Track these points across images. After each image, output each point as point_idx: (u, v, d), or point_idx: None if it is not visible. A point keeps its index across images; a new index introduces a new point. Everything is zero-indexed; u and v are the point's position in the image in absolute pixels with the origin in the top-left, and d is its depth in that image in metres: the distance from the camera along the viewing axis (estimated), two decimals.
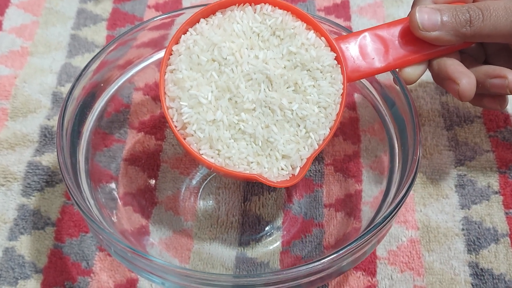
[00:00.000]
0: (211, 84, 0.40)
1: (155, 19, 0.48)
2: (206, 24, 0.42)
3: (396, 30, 0.44)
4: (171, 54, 0.42)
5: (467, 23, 0.43)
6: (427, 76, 0.57)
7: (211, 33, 0.41)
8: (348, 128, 0.51)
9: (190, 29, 0.42)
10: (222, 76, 0.41)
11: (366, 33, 0.44)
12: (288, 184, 0.41)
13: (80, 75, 0.45)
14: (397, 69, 0.45)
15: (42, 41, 0.62)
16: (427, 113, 0.55)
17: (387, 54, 0.44)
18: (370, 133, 0.49)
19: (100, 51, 0.47)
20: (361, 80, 0.48)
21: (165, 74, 0.41)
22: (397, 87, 0.44)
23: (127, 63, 0.48)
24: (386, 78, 0.46)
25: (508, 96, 0.56)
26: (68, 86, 0.58)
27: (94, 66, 0.46)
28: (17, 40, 0.62)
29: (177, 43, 0.42)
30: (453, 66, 0.45)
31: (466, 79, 0.44)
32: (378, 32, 0.44)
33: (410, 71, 0.45)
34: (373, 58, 0.44)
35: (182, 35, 0.42)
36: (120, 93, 0.49)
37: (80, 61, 0.60)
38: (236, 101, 0.41)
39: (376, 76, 0.47)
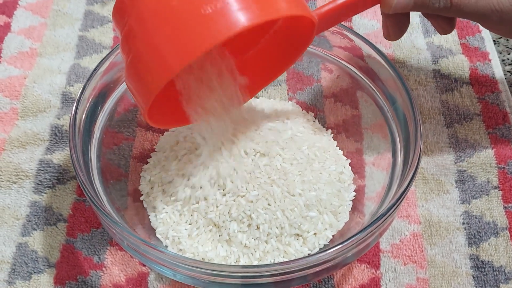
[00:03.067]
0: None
1: None
2: None
3: None
4: None
5: (436, 8, 0.44)
6: (428, 75, 0.58)
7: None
8: (351, 125, 0.52)
9: None
10: None
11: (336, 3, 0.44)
12: None
13: (91, 76, 0.46)
14: None
15: (51, 42, 0.63)
16: (428, 111, 0.56)
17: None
18: (373, 130, 0.50)
19: (109, 53, 0.48)
20: (363, 78, 0.50)
21: None
22: (398, 83, 0.45)
23: None
24: (388, 76, 0.47)
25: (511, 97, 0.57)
26: (77, 86, 0.59)
27: (103, 67, 0.47)
28: (26, 41, 0.63)
29: None
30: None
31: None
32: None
33: None
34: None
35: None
36: (129, 93, 0.49)
37: (88, 62, 0.61)
38: None
39: (378, 74, 0.48)
